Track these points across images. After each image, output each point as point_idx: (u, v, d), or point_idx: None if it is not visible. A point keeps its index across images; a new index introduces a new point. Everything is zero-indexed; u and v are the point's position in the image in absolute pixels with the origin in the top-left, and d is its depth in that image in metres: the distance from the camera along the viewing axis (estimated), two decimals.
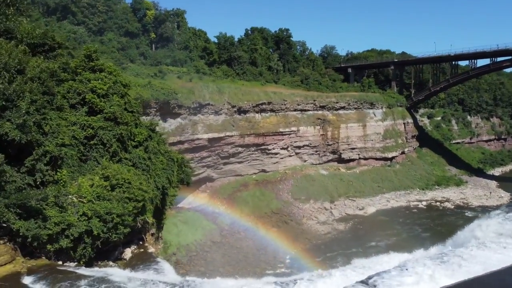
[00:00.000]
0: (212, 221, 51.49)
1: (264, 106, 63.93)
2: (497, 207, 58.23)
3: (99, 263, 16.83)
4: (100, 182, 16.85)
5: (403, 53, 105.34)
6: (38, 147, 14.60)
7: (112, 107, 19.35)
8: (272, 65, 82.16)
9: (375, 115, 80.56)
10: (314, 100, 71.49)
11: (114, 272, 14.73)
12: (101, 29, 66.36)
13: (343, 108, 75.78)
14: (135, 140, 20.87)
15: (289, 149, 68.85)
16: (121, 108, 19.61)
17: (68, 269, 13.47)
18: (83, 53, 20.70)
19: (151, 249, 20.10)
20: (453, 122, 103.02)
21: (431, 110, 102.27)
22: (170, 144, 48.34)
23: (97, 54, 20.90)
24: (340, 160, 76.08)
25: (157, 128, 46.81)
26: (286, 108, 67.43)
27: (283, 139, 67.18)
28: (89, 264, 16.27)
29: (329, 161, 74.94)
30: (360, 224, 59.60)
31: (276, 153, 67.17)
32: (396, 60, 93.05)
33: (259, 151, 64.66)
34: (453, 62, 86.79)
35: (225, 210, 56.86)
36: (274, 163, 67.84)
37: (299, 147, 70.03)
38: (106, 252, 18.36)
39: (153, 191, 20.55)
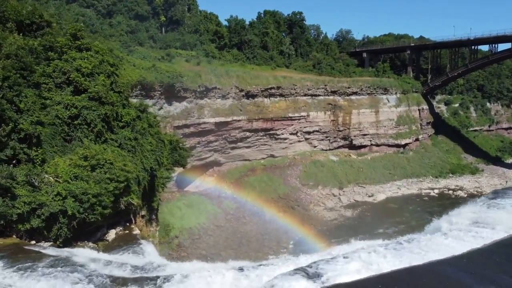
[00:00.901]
0: (217, 205, 51.46)
1: (273, 91, 63.03)
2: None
3: (79, 243, 16.73)
4: (79, 162, 16.65)
5: (421, 37, 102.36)
6: (12, 124, 14.40)
7: (96, 86, 19.07)
8: (284, 49, 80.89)
9: (388, 101, 78.73)
10: (325, 85, 70.13)
11: (81, 253, 14.55)
12: (110, 12, 66.21)
13: (355, 93, 74.21)
14: (122, 120, 20.58)
15: (298, 134, 68.01)
16: (106, 88, 19.29)
17: (34, 249, 13.35)
18: (69, 31, 20.37)
19: (137, 231, 19.92)
20: (472, 109, 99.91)
21: (449, 96, 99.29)
22: (175, 127, 48.50)
23: (83, 32, 20.51)
24: (351, 146, 74.88)
25: (162, 111, 46.94)
26: (296, 93, 66.37)
27: (292, 124, 66.34)
28: (67, 244, 16.18)
29: (339, 147, 73.82)
30: (369, 211, 58.73)
31: (285, 138, 66.46)
32: (413, 44, 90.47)
33: (267, 136, 64.04)
34: (473, 47, 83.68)
35: (231, 194, 56.71)
36: (283, 149, 67.19)
37: (308, 133, 69.09)
38: (88, 232, 18.29)
39: (140, 172, 20.31)
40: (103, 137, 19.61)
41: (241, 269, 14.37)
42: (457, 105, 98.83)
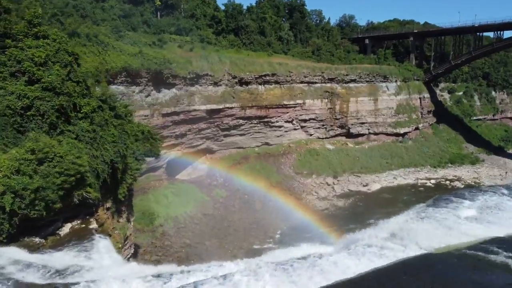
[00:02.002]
0: (207, 193, 51.18)
1: (268, 78, 61.99)
2: (508, 187, 55.59)
3: (25, 239, 16.41)
4: (25, 156, 16.20)
5: (426, 23, 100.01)
6: None
7: (50, 76, 18.49)
8: (283, 35, 79.37)
9: (388, 89, 77.30)
10: (323, 72, 68.86)
11: (9, 252, 14.15)
12: None
13: (353, 81, 72.85)
14: (82, 111, 20.05)
15: (294, 122, 67.14)
16: (60, 78, 18.70)
17: None
18: (26, 18, 19.73)
19: (94, 225, 19.56)
20: (476, 97, 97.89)
21: (453, 84, 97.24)
22: (164, 115, 47.99)
23: (40, 19, 19.84)
24: (349, 135, 73.89)
25: (149, 99, 46.32)
26: (292, 80, 65.26)
27: (287, 112, 65.45)
28: (13, 239, 15.86)
29: (336, 135, 72.86)
30: (361, 201, 58.14)
31: (280, 126, 65.66)
32: (416, 31, 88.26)
33: (261, 123, 63.27)
34: (477, 34, 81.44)
35: (223, 182, 56.37)
36: (278, 136, 66.45)
37: (304, 121, 68.18)
38: (41, 227, 17.98)
39: (99, 165, 19.85)
40: (59, 129, 19.12)
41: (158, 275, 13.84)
42: (461, 93, 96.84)
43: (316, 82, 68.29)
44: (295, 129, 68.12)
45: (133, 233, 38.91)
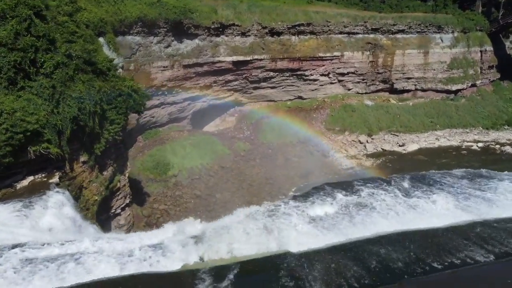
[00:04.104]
0: (228, 146, 51.38)
1: (302, 28, 58.73)
2: None
3: None
4: None
5: None
6: None
7: (3, 31, 18.74)
8: None
9: (442, 40, 70.15)
10: (365, 22, 63.78)
11: None
12: None
13: (401, 31, 66.86)
14: (44, 67, 20.33)
15: (330, 75, 64.01)
16: (13, 33, 18.90)
17: None
18: None
19: (55, 179, 20.33)
20: None
21: None
22: (185, 66, 47.85)
23: None
24: (392, 91, 69.30)
25: (170, 49, 46.23)
26: (329, 30, 61.38)
27: (323, 65, 62.32)
28: None
29: (378, 90, 68.67)
30: (392, 162, 55.26)
31: (314, 80, 63.03)
32: None
33: (294, 76, 61.11)
34: None
35: (249, 135, 56.26)
36: (312, 90, 64.07)
37: (342, 74, 64.71)
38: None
39: (59, 121, 20.32)
40: (19, 85, 19.63)
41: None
42: None
43: (357, 33, 63.68)
44: (331, 83, 65.07)
45: (144, 183, 40.75)
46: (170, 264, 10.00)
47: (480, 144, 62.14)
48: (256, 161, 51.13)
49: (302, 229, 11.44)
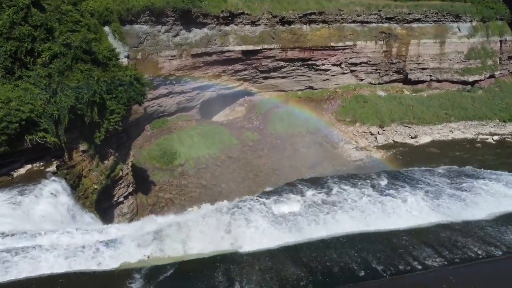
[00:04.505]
0: (236, 136, 51.27)
1: (314, 17, 57.84)
2: None
3: None
4: None
5: None
6: None
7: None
8: None
9: (459, 30, 68.16)
10: (379, 11, 62.37)
11: None
12: None
13: (417, 20, 65.21)
14: (42, 57, 20.51)
15: (342, 65, 63.05)
16: (8, 21, 19.07)
17: None
18: None
19: (52, 168, 20.59)
20: None
21: None
22: (193, 55, 47.72)
23: None
24: (406, 81, 67.93)
25: (178, 38, 46.19)
26: (342, 19, 60.26)
27: (335, 55, 61.36)
28: None
29: (391, 81, 67.40)
30: (403, 154, 54.35)
31: (326, 70, 62.19)
32: None
33: (305, 66, 60.40)
34: None
35: (258, 125, 56.04)
36: (324, 81, 63.28)
37: (355, 64, 63.65)
38: None
39: (57, 111, 20.52)
40: (17, 74, 19.86)
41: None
42: None
43: (371, 22, 62.35)
44: (343, 73, 64.12)
45: (150, 172, 41.08)
46: (114, 262, 9.77)
47: (495, 137, 60.52)
48: (264, 151, 50.95)
49: (261, 227, 11.23)
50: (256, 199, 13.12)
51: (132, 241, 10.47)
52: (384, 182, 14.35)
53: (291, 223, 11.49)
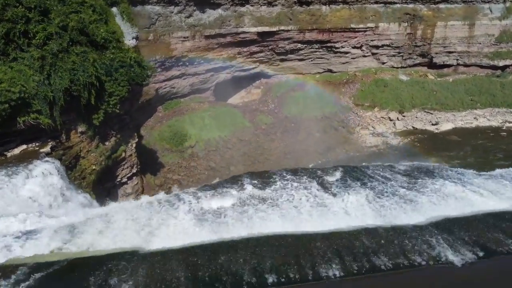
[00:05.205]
0: (249, 119, 51.01)
1: None
2: None
3: None
4: None
5: None
6: None
7: None
8: None
9: (491, 11, 64.43)
10: None
11: None
12: None
13: (445, 1, 62.00)
14: (36, 38, 20.73)
15: (363, 48, 61.16)
16: (1, 2, 19.29)
17: None
18: None
19: (46, 149, 20.99)
20: None
21: None
22: (207, 36, 47.32)
23: None
24: (431, 65, 65.28)
25: (191, 19, 45.85)
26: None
27: (356, 37, 59.50)
28: None
29: (415, 65, 64.92)
30: (421, 141, 52.60)
31: (346, 52, 60.53)
32: None
33: (324, 49, 58.97)
34: None
35: (272, 109, 55.48)
36: (343, 64, 61.70)
37: (376, 47, 61.58)
38: None
39: (50, 92, 20.81)
40: (12, 56, 20.19)
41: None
42: None
43: (394, 3, 59.81)
44: (364, 56, 62.23)
45: (160, 153, 41.52)
46: (2, 256, 9.58)
47: None
48: (276, 135, 50.51)
49: (180, 224, 10.84)
50: (192, 192, 12.82)
51: (48, 233, 10.31)
52: (334, 178, 13.72)
53: (214, 220, 11.10)
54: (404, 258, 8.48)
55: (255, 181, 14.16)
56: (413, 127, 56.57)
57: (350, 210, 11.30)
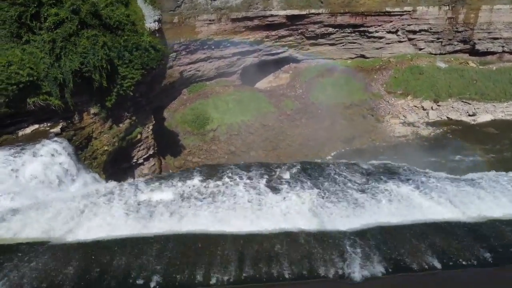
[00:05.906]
0: (274, 104, 50.53)
1: None
2: None
3: None
4: None
5: None
6: None
7: None
8: None
9: None
10: None
11: None
12: None
13: None
14: (48, 21, 21.36)
15: (399, 33, 58.53)
16: None
17: None
18: None
19: (56, 129, 21.79)
20: None
21: None
22: (233, 19, 47.01)
23: None
24: (473, 52, 61.47)
25: (217, 2, 45.74)
26: None
27: (391, 21, 56.98)
28: None
29: (455, 51, 61.38)
30: (454, 132, 50.08)
31: (380, 37, 58.20)
32: None
33: (356, 33, 56.97)
34: None
35: (300, 94, 54.65)
36: (377, 49, 59.41)
37: (413, 32, 58.68)
38: (4, 126, 20.84)
39: (60, 74, 21.48)
40: (24, 38, 20.96)
41: None
42: None
43: None
44: (400, 41, 59.57)
45: (181, 135, 42.18)
46: None
47: None
48: (301, 121, 49.79)
49: (112, 216, 10.75)
50: (135, 183, 12.71)
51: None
52: (288, 176, 13.12)
53: (146, 213, 10.95)
54: (296, 267, 7.92)
55: (205, 174, 13.91)
56: (447, 117, 53.89)
57: (288, 211, 10.85)
